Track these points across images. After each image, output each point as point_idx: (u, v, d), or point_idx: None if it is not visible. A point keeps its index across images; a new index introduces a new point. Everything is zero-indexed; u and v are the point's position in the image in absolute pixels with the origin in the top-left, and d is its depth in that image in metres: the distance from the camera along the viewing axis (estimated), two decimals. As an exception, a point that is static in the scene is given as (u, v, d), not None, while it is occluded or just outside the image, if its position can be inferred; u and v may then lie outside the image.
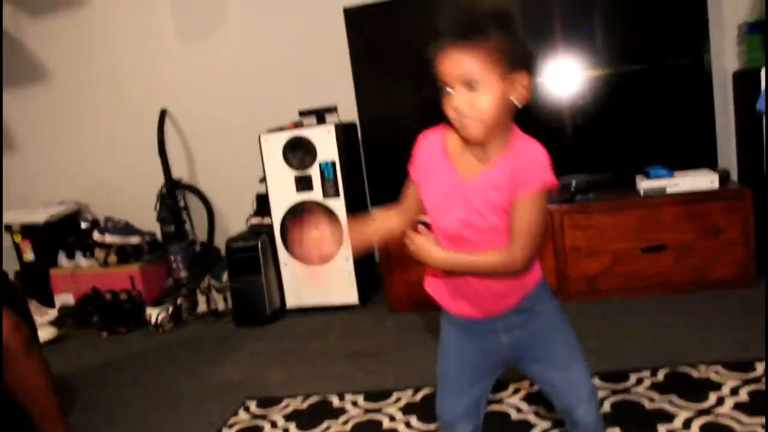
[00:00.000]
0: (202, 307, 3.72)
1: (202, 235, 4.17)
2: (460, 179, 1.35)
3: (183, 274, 3.89)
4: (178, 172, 4.16)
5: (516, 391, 2.31)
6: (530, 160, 1.33)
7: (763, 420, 1.92)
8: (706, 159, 3.29)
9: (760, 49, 3.24)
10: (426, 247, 1.36)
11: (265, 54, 3.96)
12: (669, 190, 3.11)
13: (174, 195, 4.03)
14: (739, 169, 3.46)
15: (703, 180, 3.10)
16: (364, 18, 3.55)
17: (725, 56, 3.49)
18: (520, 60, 1.29)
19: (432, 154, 1.39)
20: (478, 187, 1.34)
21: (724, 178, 3.17)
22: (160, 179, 4.04)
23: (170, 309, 3.63)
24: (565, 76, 3.40)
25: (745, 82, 3.26)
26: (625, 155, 3.41)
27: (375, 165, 3.66)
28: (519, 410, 2.19)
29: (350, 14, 3.54)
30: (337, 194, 3.42)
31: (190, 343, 3.36)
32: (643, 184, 3.16)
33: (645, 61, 3.37)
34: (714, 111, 3.33)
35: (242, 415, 2.44)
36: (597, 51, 3.39)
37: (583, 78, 3.39)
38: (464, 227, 1.36)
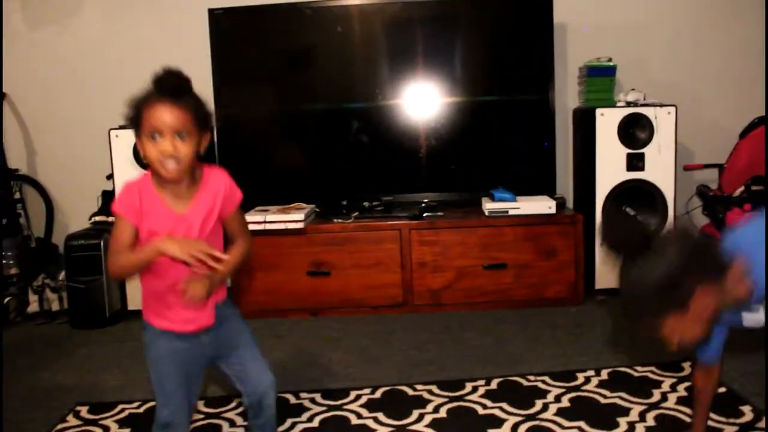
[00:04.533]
0: (33, 307, 3.47)
1: (38, 230, 3.90)
2: (176, 215, 1.60)
3: (13, 270, 3.60)
4: (16, 162, 3.88)
5: (474, 389, 2.39)
6: (226, 184, 1.68)
7: (581, 423, 2.09)
8: (546, 186, 3.56)
9: (597, 90, 3.55)
10: (216, 265, 1.54)
11: (121, 46, 3.80)
12: (511, 213, 3.32)
13: (8, 185, 3.74)
14: (575, 197, 3.75)
15: (542, 205, 3.34)
16: (229, 21, 3.52)
17: (567, 95, 3.80)
18: (207, 123, 1.61)
19: (143, 197, 1.59)
20: (191, 217, 1.62)
21: (560, 204, 3.44)
22: (-7, 168, 3.74)
23: (-4, 308, 3.35)
24: (423, 101, 3.55)
25: (583, 119, 3.56)
26: (473, 178, 3.61)
27: (228, 170, 3.57)
28: (484, 406, 2.26)
29: (215, 16, 3.49)
30: (189, 196, 3.33)
31: (18, 345, 3.12)
32: (488, 206, 3.35)
33: (497, 93, 3.61)
34: (555, 143, 3.61)
35: (72, 420, 2.30)
36: (454, 80, 3.58)
37: (440, 104, 3.56)
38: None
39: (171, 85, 1.54)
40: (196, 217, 1.62)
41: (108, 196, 3.56)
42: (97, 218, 3.55)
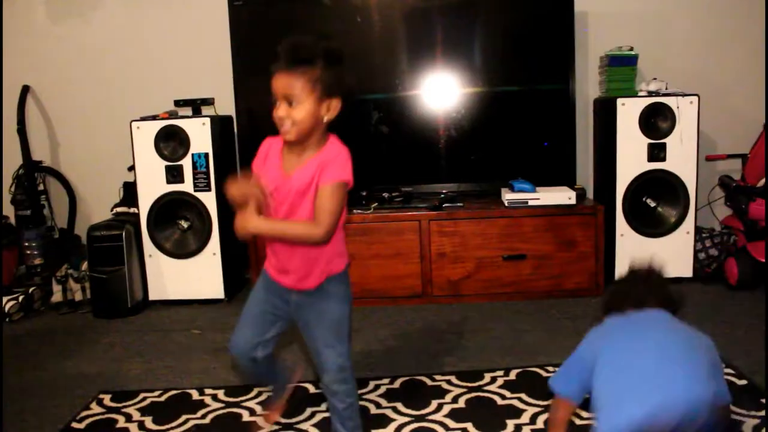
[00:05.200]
0: (57, 297, 3.52)
1: (62, 221, 3.96)
2: (283, 173, 1.75)
3: (38, 261, 3.66)
4: (40, 154, 3.93)
5: (493, 380, 2.40)
6: (332, 159, 1.71)
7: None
8: (566, 177, 3.54)
9: (618, 80, 3.52)
10: (247, 217, 1.68)
11: (142, 38, 3.83)
12: (531, 203, 3.30)
13: (32, 177, 3.80)
14: (595, 187, 3.73)
15: (562, 196, 3.32)
16: (249, 12, 3.53)
17: (588, 84, 3.76)
18: (335, 89, 1.69)
19: (270, 153, 1.80)
20: (295, 180, 1.73)
21: (580, 195, 3.41)
22: (17, 159, 3.79)
23: (21, 298, 3.40)
24: (443, 91, 3.54)
25: (604, 109, 3.53)
26: (492, 168, 3.59)
27: (249, 161, 3.60)
28: (503, 397, 2.27)
29: (235, 7, 3.50)
30: (208, 188, 3.36)
31: (42, 334, 3.17)
32: (508, 196, 3.34)
33: (517, 83, 3.58)
34: (575, 134, 3.59)
35: (95, 408, 2.34)
36: (474, 70, 3.55)
37: (459, 94, 3.54)
38: (288, 208, 1.75)
39: (285, 55, 1.66)
40: (298, 182, 1.71)
41: (129, 187, 3.60)
42: (119, 209, 3.59)
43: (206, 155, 3.34)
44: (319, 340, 1.82)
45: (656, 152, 3.31)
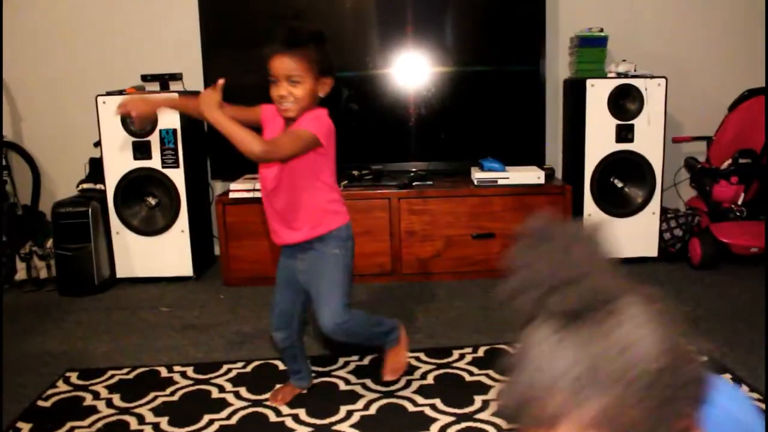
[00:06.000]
0: (21, 274, 3.46)
1: (25, 198, 3.88)
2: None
3: (1, 238, 3.59)
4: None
5: (461, 357, 2.43)
6: (312, 116, 1.87)
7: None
8: (535, 156, 3.56)
9: (588, 61, 3.54)
10: (213, 103, 1.82)
11: (108, 10, 3.74)
12: (500, 182, 3.32)
13: (-5, 152, 3.71)
14: (564, 167, 3.76)
15: (531, 175, 3.34)
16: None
17: (558, 65, 3.78)
18: (327, 67, 1.87)
19: (275, 122, 1.96)
20: None
21: (549, 175, 3.45)
22: (-21, 134, 3.69)
23: (-17, 275, 3.35)
24: (414, 70, 3.53)
25: (573, 90, 3.55)
26: (462, 147, 3.60)
27: (218, 137, 3.55)
28: (471, 373, 2.30)
29: (203, -19, 3.44)
30: (176, 164, 3.32)
31: (5, 312, 3.11)
32: (477, 175, 3.36)
33: (487, 63, 3.59)
34: (545, 114, 3.61)
35: (62, 386, 2.31)
36: (445, 49, 3.55)
37: (430, 73, 3.54)
38: (289, 178, 1.93)
39: (284, 38, 1.81)
40: None
41: (95, 163, 3.54)
42: (85, 185, 3.53)
43: (174, 131, 3.29)
44: (316, 298, 1.96)
45: (624, 133, 3.35)
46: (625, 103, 3.37)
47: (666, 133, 3.38)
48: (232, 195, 3.30)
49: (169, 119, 3.27)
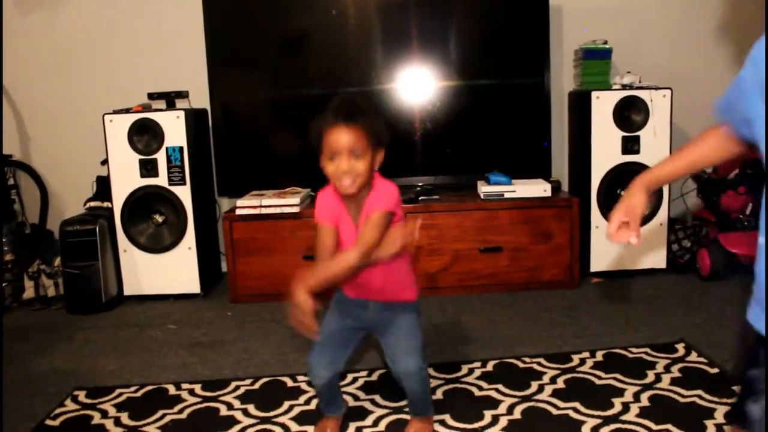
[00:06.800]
0: (29, 293, 3.47)
1: (33, 217, 3.89)
2: (354, 226, 1.84)
3: (9, 257, 3.60)
4: (9, 148, 3.85)
5: (470, 371, 2.41)
6: (381, 192, 1.82)
7: (576, 404, 2.11)
8: (542, 170, 3.56)
9: (592, 73, 3.55)
10: (306, 280, 1.71)
11: (114, 30, 3.77)
12: (506, 196, 3.32)
13: (2, 172, 3.73)
14: (570, 180, 3.76)
15: (538, 188, 3.34)
16: (223, 5, 3.50)
17: (563, 78, 3.79)
18: (381, 139, 1.81)
19: (334, 209, 1.86)
20: (361, 225, 1.82)
21: (556, 188, 3.44)
22: (-14, 154, 3.72)
23: (-8, 294, 3.35)
24: (419, 84, 3.54)
25: (578, 102, 3.55)
26: (468, 161, 3.60)
27: (224, 154, 3.60)
28: (480, 388, 2.28)
29: (209, 0, 3.47)
30: (183, 181, 3.33)
31: (14, 331, 3.12)
32: (484, 189, 3.35)
33: (492, 76, 3.60)
34: (551, 126, 3.61)
35: (70, 405, 2.31)
36: (449, 63, 3.56)
37: (435, 87, 3.55)
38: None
39: (344, 111, 1.74)
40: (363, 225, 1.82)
41: (102, 181, 3.55)
42: (92, 204, 3.54)
43: (181, 149, 3.31)
44: (395, 342, 1.92)
45: (630, 145, 3.35)
46: (630, 115, 3.37)
47: (672, 144, 3.37)
48: (239, 211, 3.31)
49: (175, 137, 3.29)
